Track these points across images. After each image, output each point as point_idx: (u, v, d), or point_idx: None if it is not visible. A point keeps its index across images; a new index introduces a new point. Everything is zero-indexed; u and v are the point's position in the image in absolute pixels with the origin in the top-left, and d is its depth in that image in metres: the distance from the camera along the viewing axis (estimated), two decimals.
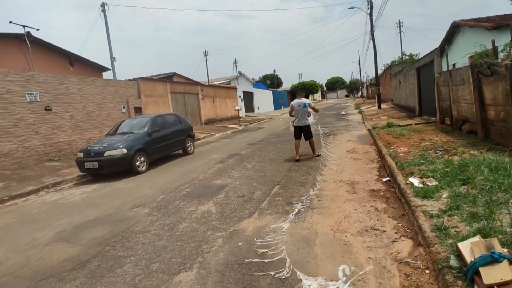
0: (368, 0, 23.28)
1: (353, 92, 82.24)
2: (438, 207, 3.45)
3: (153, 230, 4.12)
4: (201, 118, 22.20)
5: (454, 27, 13.88)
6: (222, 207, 4.77)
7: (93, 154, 7.99)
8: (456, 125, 8.47)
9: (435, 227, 2.97)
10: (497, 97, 5.95)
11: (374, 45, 23.45)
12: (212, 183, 6.33)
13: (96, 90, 13.29)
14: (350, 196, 4.66)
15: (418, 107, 14.20)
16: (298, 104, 7.79)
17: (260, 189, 5.50)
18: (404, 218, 3.72)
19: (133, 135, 8.78)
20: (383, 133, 9.77)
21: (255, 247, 3.34)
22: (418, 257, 2.81)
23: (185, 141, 10.60)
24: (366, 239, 3.28)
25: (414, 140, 7.85)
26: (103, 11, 18.17)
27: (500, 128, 5.96)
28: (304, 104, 7.74)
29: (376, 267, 2.74)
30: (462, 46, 12.68)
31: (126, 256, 3.46)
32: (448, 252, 2.54)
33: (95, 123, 13.09)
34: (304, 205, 4.48)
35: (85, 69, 16.94)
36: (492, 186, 3.51)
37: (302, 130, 7.81)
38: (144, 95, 16.26)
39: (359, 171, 6.05)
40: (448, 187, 3.91)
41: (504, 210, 3.04)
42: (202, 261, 3.16)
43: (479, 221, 2.89)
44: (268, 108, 40.88)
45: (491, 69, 6.00)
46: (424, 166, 5.16)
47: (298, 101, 7.86)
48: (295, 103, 7.85)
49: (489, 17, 13.08)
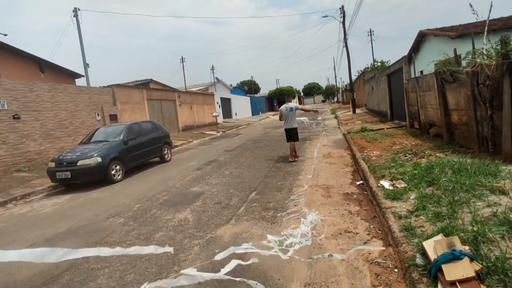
0: (341, 9, 24.07)
1: (329, 97, 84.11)
2: (406, 208, 3.62)
3: (129, 240, 4.05)
4: (179, 125, 21.97)
5: (420, 36, 14.61)
6: (199, 215, 4.76)
7: (66, 163, 7.72)
8: (424, 129, 8.89)
9: (403, 227, 3.11)
10: (459, 102, 6.33)
11: (348, 52, 24.24)
12: (189, 191, 6.29)
13: (68, 97, 12.88)
14: (325, 200, 4.78)
15: (390, 112, 14.76)
16: (285, 108, 8.17)
17: (237, 196, 5.53)
18: (376, 219, 3.87)
19: (108, 143, 8.58)
20: (357, 137, 10.08)
21: (231, 253, 3.36)
22: (388, 257, 2.94)
23: (162, 149, 10.46)
24: (339, 241, 3.39)
25: (385, 144, 8.17)
26: (75, 16, 17.69)
27: (463, 131, 6.33)
28: (291, 108, 8.13)
29: (348, 268, 2.84)
30: (428, 54, 13.35)
31: (100, 268, 3.38)
32: (414, 251, 2.67)
33: (68, 131, 12.66)
34: (280, 210, 4.56)
35: (56, 75, 16.37)
36: (455, 187, 3.73)
37: (290, 133, 8.15)
38: (120, 102, 15.91)
39: (334, 175, 6.22)
40: (415, 189, 4.10)
41: (465, 209, 3.23)
42: (179, 270, 3.14)
43: (443, 220, 3.06)
44: (246, 114, 41.04)
45: (453, 76, 6.38)
46: (394, 169, 5.38)
47: (285, 105, 8.25)
48: (283, 108, 8.24)
49: (453, 26, 13.87)
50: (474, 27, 9.41)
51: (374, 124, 13.79)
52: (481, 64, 5.24)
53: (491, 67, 4.94)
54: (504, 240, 2.50)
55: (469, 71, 5.67)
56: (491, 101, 5.16)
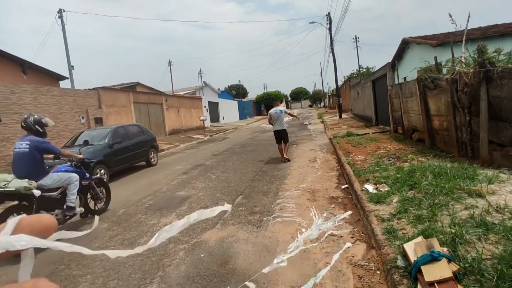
0: (327, 16, 24.48)
1: (316, 102, 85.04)
2: (389, 211, 3.70)
3: (112, 246, 3.99)
4: (166, 129, 21.77)
5: (404, 43, 15.01)
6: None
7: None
8: (407, 134, 9.12)
9: (386, 230, 3.19)
10: (440, 108, 6.53)
11: (334, 58, 24.63)
12: (175, 195, 6.24)
13: (52, 99, 12.61)
14: (310, 204, 4.83)
15: (375, 117, 15.06)
16: (275, 111, 8.73)
17: (223, 200, 5.53)
18: (360, 223, 3.94)
19: (93, 146, 8.42)
20: (343, 142, 10.24)
21: (216, 258, 3.36)
22: (371, 259, 3.00)
23: (148, 152, 10.35)
24: (324, 245, 3.43)
25: (370, 149, 8.32)
26: (60, 18, 17.37)
27: (444, 136, 6.53)
28: (280, 111, 8.70)
29: (332, 271, 2.88)
30: (411, 61, 13.73)
31: (82, 274, 3.31)
32: (396, 253, 2.74)
33: (51, 134, 12.34)
34: (266, 214, 4.58)
35: (40, 77, 15.98)
36: (435, 190, 3.84)
37: (280, 134, 8.60)
38: (106, 105, 15.67)
39: (320, 179, 6.29)
40: (398, 192, 4.20)
41: (445, 212, 3.34)
42: (163, 275, 3.12)
43: (423, 223, 3.15)
44: (234, 118, 41.05)
45: (434, 83, 6.59)
46: (378, 173, 5.50)
47: (274, 109, 8.81)
48: (272, 111, 8.80)
49: (434, 34, 14.31)
50: (453, 36, 9.74)
51: (359, 129, 14.03)
52: (460, 72, 5.44)
53: (469, 75, 5.13)
54: (480, 241, 2.59)
55: (449, 78, 5.86)
56: (469, 108, 5.35)
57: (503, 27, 12.88)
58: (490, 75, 4.82)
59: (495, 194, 3.57)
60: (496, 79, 4.72)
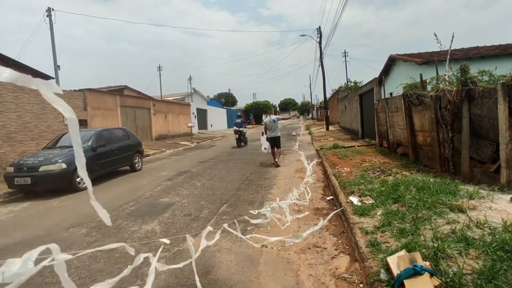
0: (318, 30, 24.98)
1: (304, 113, 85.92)
2: (373, 224, 3.71)
3: (89, 253, 3.84)
4: (152, 134, 21.49)
5: (391, 60, 15.43)
6: (168, 226, 4.61)
7: (26, 168, 7.27)
8: (392, 148, 9.28)
9: (369, 243, 3.19)
10: (424, 124, 6.68)
11: (323, 71, 25.03)
12: (158, 201, 6.11)
13: (35, 99, 12.25)
14: (295, 214, 4.80)
15: (361, 130, 15.30)
16: (269, 121, 9.57)
17: (208, 208, 5.44)
18: (344, 235, 3.94)
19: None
20: (330, 153, 10.32)
21: (198, 268, 3.28)
22: (354, 272, 2.99)
23: (132, 157, 10.15)
24: (308, 256, 3.41)
25: (356, 161, 8.41)
26: (48, 16, 17.08)
27: (427, 151, 6.67)
28: (273, 120, 9.55)
29: (315, 284, 2.85)
30: (397, 77, 14.10)
31: (55, 282, 3.16)
32: (379, 266, 2.74)
33: (32, 134, 11.99)
34: (250, 224, 4.52)
35: None
36: (418, 204, 3.89)
37: (275, 140, 9.41)
38: (91, 107, 15.36)
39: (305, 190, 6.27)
40: (382, 205, 4.23)
41: (427, 226, 3.36)
42: (142, 284, 3.01)
43: (406, 237, 3.17)
44: (222, 126, 40.98)
45: (419, 99, 6.76)
46: (363, 185, 5.54)
47: (269, 118, 9.68)
48: (267, 121, 9.65)
49: (420, 53, 14.79)
50: (438, 55, 10.09)
51: (346, 142, 14.21)
52: (444, 89, 5.60)
53: (452, 93, 5.29)
54: (461, 256, 2.62)
55: (433, 95, 6.03)
56: (452, 124, 5.49)
57: (483, 50, 13.45)
58: (472, 94, 4.98)
59: (475, 210, 3.64)
60: (477, 98, 4.87)
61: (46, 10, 17.06)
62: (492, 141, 4.67)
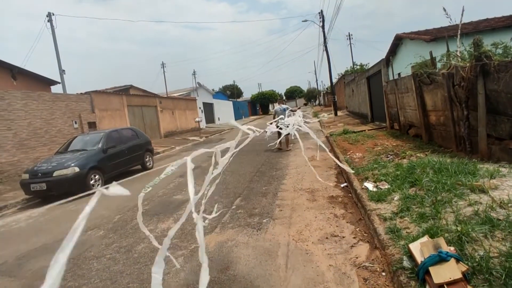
0: (320, 14, 24.46)
1: (311, 100, 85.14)
2: (391, 210, 3.63)
3: (108, 254, 3.87)
4: (161, 131, 21.59)
5: (397, 39, 15.00)
6: (183, 224, 4.59)
7: (41, 174, 7.38)
8: (404, 130, 9.09)
9: (389, 230, 3.12)
10: (436, 103, 6.49)
11: (328, 56, 24.62)
12: (172, 199, 6.13)
13: (43, 105, 12.39)
14: (310, 204, 4.76)
15: (370, 113, 15.05)
16: (280, 109, 10.21)
17: (221, 202, 5.43)
18: (361, 222, 3.87)
19: (86, 152, 8.27)
20: (340, 139, 10.19)
21: (216, 264, 3.27)
22: (375, 260, 2.93)
23: (143, 156, 10.21)
24: (326, 246, 3.36)
25: (367, 146, 8.28)
26: (49, 21, 17.12)
27: (441, 131, 6.50)
28: (284, 109, 10.03)
29: (336, 274, 2.80)
30: (405, 57, 13.73)
31: (78, 286, 3.20)
32: (401, 253, 2.67)
33: (44, 140, 12.16)
34: (266, 216, 4.49)
35: (30, 82, 15.72)
36: (437, 187, 3.78)
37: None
38: (99, 109, 15.47)
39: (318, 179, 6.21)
40: (399, 190, 4.14)
41: (448, 209, 3.27)
42: (162, 283, 3.01)
43: (427, 221, 3.08)
44: (229, 119, 40.83)
45: (430, 78, 6.55)
46: (377, 170, 5.44)
47: (279, 107, 10.44)
48: (278, 109, 10.33)
49: (427, 30, 14.32)
50: (446, 30, 9.73)
51: (355, 126, 14.01)
52: (456, 66, 5.40)
53: (466, 69, 5.09)
54: (487, 239, 2.53)
55: (445, 73, 5.83)
56: (466, 102, 5.31)
57: (494, 21, 12.93)
58: (487, 69, 4.78)
59: (497, 189, 3.52)
60: (493, 73, 4.68)
61: (46, 15, 17.10)
62: (510, 116, 4.50)
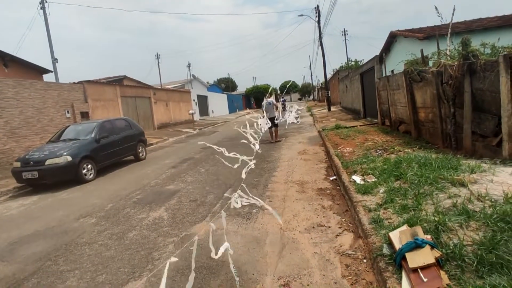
0: (316, 9, 24.44)
1: (305, 95, 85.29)
2: (376, 202, 3.77)
3: (100, 241, 3.95)
4: (154, 123, 21.52)
5: (391, 36, 15.14)
6: (174, 213, 4.71)
7: (33, 163, 7.38)
8: (394, 126, 9.26)
9: (372, 220, 3.25)
10: (426, 100, 6.64)
11: (323, 51, 24.66)
12: (164, 189, 6.21)
13: (36, 93, 12.27)
14: (299, 196, 4.89)
15: (363, 109, 15.22)
16: (266, 103, 11.00)
17: (212, 193, 5.53)
18: (348, 213, 4.01)
19: (79, 141, 8.28)
20: (332, 134, 10.33)
21: (206, 250, 3.37)
22: (358, 248, 3.07)
23: (136, 147, 10.23)
24: (312, 235, 3.49)
25: (358, 141, 8.42)
26: (42, 9, 16.84)
27: (429, 128, 6.66)
28: (269, 102, 11.02)
29: (320, 261, 2.93)
30: (399, 54, 13.88)
31: (70, 270, 3.28)
32: (382, 242, 2.80)
33: (35, 129, 12.08)
34: (255, 206, 4.60)
35: (22, 71, 15.51)
36: (420, 180, 3.93)
37: (271, 120, 10.38)
38: (92, 99, 15.36)
39: (308, 171, 6.35)
40: (384, 183, 4.28)
41: (429, 201, 3.42)
42: (152, 268, 3.12)
43: (408, 212, 3.22)
44: (223, 112, 40.85)
45: (420, 75, 6.69)
46: (366, 164, 5.58)
47: (265, 101, 11.13)
48: (265, 102, 11.09)
49: (421, 28, 14.47)
50: (439, 29, 9.88)
51: (348, 122, 14.17)
52: (445, 64, 5.53)
53: (454, 67, 5.23)
54: (462, 228, 2.67)
55: (434, 71, 5.96)
56: (453, 100, 5.46)
57: (486, 21, 13.12)
58: (474, 68, 4.92)
59: (477, 183, 3.68)
60: (479, 71, 4.82)
61: (39, 3, 16.81)
62: (494, 114, 4.66)
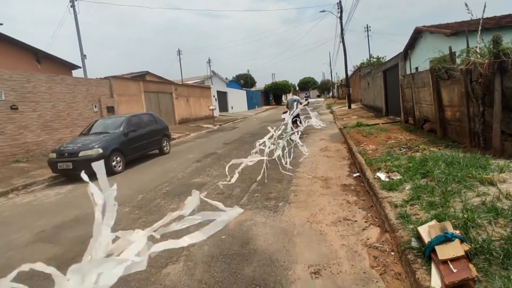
0: (338, 4, 24.16)
1: (324, 92, 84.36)
2: (402, 198, 3.84)
3: (136, 227, 4.21)
4: (175, 118, 22.00)
5: (416, 32, 14.83)
6: (203, 205, 4.92)
7: (67, 154, 7.82)
8: (418, 124, 9.15)
9: (399, 215, 3.34)
10: (453, 99, 6.56)
11: (344, 47, 24.39)
12: (191, 182, 6.46)
13: (66, 88, 12.87)
14: (324, 191, 5.00)
15: (385, 107, 15.03)
16: (291, 100, 11.20)
17: (239, 187, 5.72)
18: (373, 209, 4.10)
19: (109, 135, 8.68)
20: (353, 132, 10.32)
21: (237, 239, 3.56)
22: (385, 242, 3.17)
23: (161, 141, 10.58)
24: (339, 228, 3.61)
25: (381, 139, 8.41)
26: (72, 7, 17.53)
27: (456, 127, 6.59)
28: (294, 100, 11.12)
29: (348, 252, 3.06)
30: (424, 51, 13.59)
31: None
32: (409, 235, 2.90)
33: (66, 122, 12.68)
34: (282, 200, 4.76)
35: (53, 66, 16.24)
36: (447, 178, 3.96)
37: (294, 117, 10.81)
38: (117, 94, 15.91)
39: (332, 168, 6.43)
40: (410, 180, 4.33)
41: (457, 199, 3.46)
42: (188, 254, 3.33)
43: (436, 209, 3.29)
44: (242, 108, 41.11)
45: (448, 73, 6.60)
46: (390, 162, 5.61)
47: (290, 97, 11.41)
48: (289, 99, 11.34)
49: (448, 23, 14.10)
50: (468, 25, 9.63)
51: (369, 119, 14.05)
52: (475, 62, 5.46)
53: (484, 66, 5.17)
54: (490, 225, 2.73)
55: (463, 69, 5.89)
56: (483, 98, 5.39)
57: None
58: (505, 66, 4.85)
59: (505, 182, 3.68)
60: (510, 70, 4.75)
61: (69, 1, 17.50)
62: None
